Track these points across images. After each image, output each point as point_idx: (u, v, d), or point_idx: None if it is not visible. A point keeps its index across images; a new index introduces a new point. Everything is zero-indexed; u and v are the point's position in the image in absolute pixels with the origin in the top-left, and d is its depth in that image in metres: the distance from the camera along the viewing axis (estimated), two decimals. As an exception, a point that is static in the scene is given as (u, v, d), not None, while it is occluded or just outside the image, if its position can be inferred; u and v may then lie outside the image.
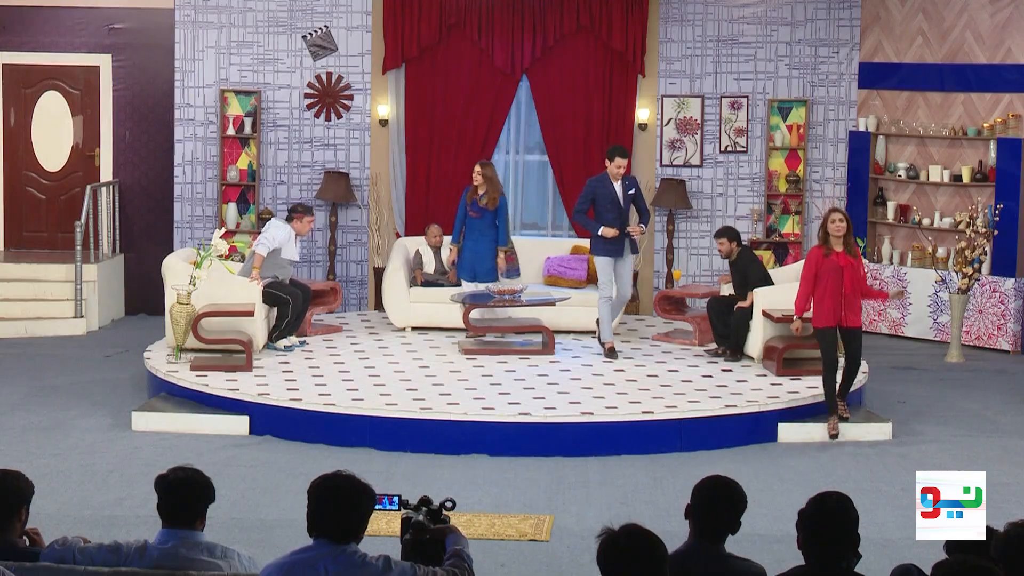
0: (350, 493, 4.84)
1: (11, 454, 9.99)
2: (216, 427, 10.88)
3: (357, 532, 4.86)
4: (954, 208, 14.86)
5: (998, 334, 14.39)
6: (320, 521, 4.83)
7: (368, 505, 4.86)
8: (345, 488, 4.84)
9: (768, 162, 15.54)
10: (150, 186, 15.83)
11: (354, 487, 4.85)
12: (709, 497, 5.03)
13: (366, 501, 4.86)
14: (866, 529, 4.87)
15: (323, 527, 4.83)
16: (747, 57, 15.46)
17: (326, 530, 4.82)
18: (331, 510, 4.81)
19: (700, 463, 10.03)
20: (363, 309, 15.30)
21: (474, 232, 13.33)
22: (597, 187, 12.57)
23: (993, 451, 10.71)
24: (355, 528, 4.85)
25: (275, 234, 12.75)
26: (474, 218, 13.27)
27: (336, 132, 15.38)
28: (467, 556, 4.94)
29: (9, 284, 14.85)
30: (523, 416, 10.60)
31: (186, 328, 11.83)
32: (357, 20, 15.30)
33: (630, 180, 12.72)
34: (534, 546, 8.43)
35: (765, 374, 11.99)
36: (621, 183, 12.50)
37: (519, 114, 15.52)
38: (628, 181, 12.65)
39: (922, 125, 15.11)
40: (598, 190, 12.54)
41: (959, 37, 14.88)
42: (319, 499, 4.84)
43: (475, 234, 13.32)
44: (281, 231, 12.80)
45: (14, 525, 5.26)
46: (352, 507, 4.83)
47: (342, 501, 4.82)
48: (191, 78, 15.33)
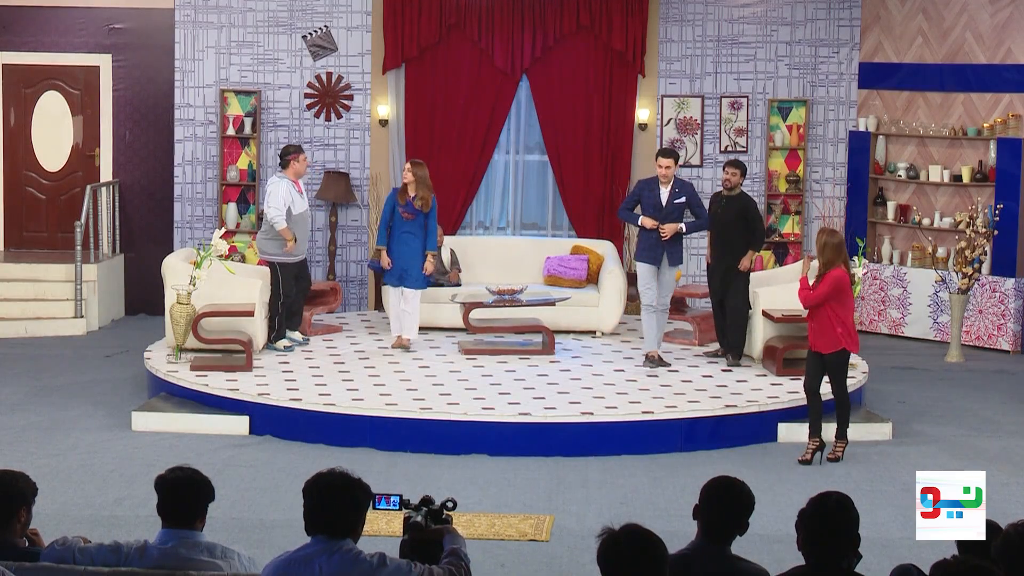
0: (344, 489, 4.84)
1: (11, 454, 9.99)
2: (216, 427, 10.87)
3: (354, 528, 4.86)
4: (954, 208, 14.86)
5: (998, 334, 14.39)
6: (316, 519, 4.84)
7: (363, 499, 4.86)
8: (339, 484, 4.85)
9: (768, 162, 15.54)
10: (150, 186, 15.83)
11: (348, 483, 4.85)
12: (717, 497, 5.02)
13: (361, 496, 4.86)
14: (866, 529, 4.86)
15: (319, 525, 4.83)
16: (747, 57, 15.46)
17: (322, 528, 4.83)
18: (326, 507, 4.82)
19: (700, 463, 10.03)
20: (363, 309, 15.30)
21: (404, 235, 12.48)
22: (643, 189, 12.29)
23: (993, 451, 10.71)
24: (351, 524, 4.85)
25: (279, 193, 12.50)
26: (407, 220, 12.44)
27: (336, 132, 15.38)
28: (464, 555, 4.94)
29: (9, 284, 14.85)
30: (523, 416, 10.60)
31: (186, 328, 11.83)
32: (357, 20, 15.30)
33: (682, 186, 12.23)
34: (534, 546, 8.43)
35: (765, 374, 11.99)
36: (670, 188, 12.10)
37: (519, 114, 15.52)
38: (680, 187, 12.18)
39: (922, 125, 15.11)
40: (643, 192, 12.25)
41: (959, 37, 14.88)
42: (314, 497, 4.85)
43: (406, 236, 12.48)
44: (282, 187, 12.53)
45: (14, 525, 5.25)
46: (347, 503, 4.83)
47: (337, 498, 4.83)
48: (191, 78, 15.33)
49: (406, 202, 12.48)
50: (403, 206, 12.47)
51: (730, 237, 12.20)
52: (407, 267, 12.51)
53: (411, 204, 12.46)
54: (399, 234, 12.51)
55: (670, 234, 12.04)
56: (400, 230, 12.51)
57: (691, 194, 12.23)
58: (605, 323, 13.61)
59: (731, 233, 12.19)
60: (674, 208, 12.09)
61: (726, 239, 12.24)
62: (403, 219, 12.47)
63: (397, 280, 12.57)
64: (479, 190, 15.46)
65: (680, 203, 12.11)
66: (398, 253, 12.51)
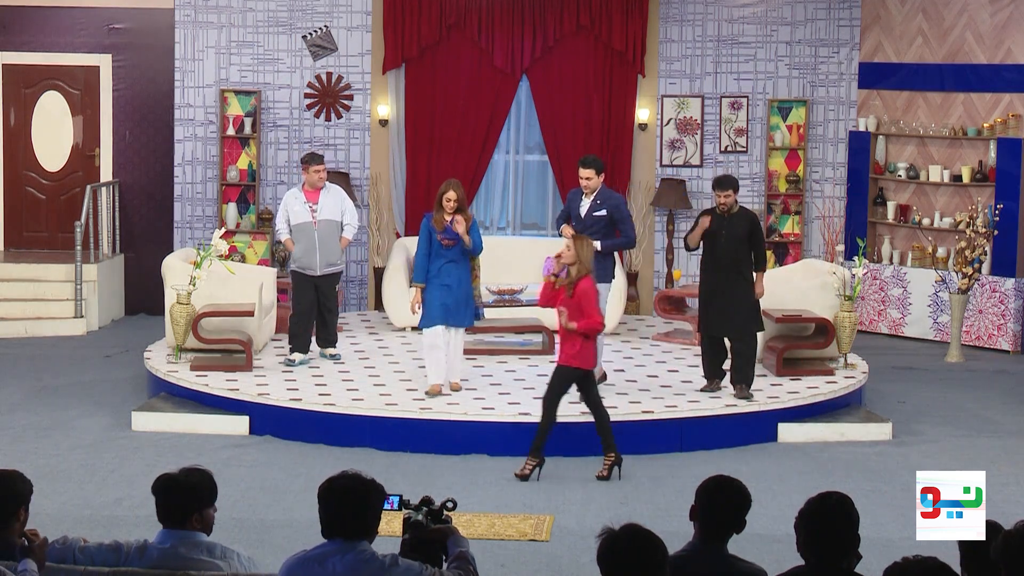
0: (360, 492, 4.88)
1: (11, 454, 9.99)
2: (216, 427, 10.88)
3: (370, 530, 4.90)
4: (954, 208, 14.86)
5: (998, 334, 14.38)
6: (332, 522, 4.87)
7: (378, 501, 4.91)
8: (354, 487, 4.89)
9: (768, 162, 15.53)
10: (150, 186, 15.83)
11: (363, 485, 4.90)
12: (714, 497, 5.03)
13: (375, 497, 4.90)
14: (866, 529, 4.86)
15: (336, 528, 4.86)
16: (747, 57, 15.46)
17: (339, 531, 4.86)
18: (342, 510, 4.86)
19: (700, 463, 10.03)
20: (363, 309, 15.30)
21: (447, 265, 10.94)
22: (571, 200, 11.41)
23: (993, 451, 10.71)
24: (367, 525, 4.90)
25: (282, 204, 12.21)
26: (447, 247, 10.90)
27: (336, 132, 15.38)
28: (471, 558, 4.96)
29: (9, 284, 14.85)
30: (523, 416, 10.60)
31: (186, 328, 11.83)
32: (357, 20, 15.30)
33: (607, 199, 11.20)
34: (534, 546, 8.43)
35: (765, 374, 11.98)
36: (591, 200, 11.18)
37: (519, 114, 15.52)
38: (603, 200, 11.17)
39: (922, 125, 15.11)
40: (571, 203, 11.38)
41: (959, 37, 14.88)
42: (329, 501, 4.88)
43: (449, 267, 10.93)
44: (287, 197, 12.24)
45: (13, 525, 5.25)
46: (363, 505, 4.88)
47: (352, 500, 4.87)
48: (191, 78, 15.33)
49: (444, 228, 10.90)
50: (442, 232, 10.89)
51: (733, 260, 10.95)
52: (452, 301, 10.92)
53: (450, 229, 10.88)
54: (440, 264, 10.92)
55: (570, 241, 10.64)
56: (440, 260, 10.93)
57: (615, 208, 11.15)
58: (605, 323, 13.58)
59: (735, 255, 10.95)
60: (594, 221, 11.08)
61: (731, 262, 10.95)
62: (443, 247, 10.89)
63: (442, 318, 10.95)
64: (479, 190, 15.46)
65: (600, 216, 11.10)
66: (439, 286, 10.92)
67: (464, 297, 10.98)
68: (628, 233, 11.22)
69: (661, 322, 14.27)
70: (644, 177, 15.38)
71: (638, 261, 15.33)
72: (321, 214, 12.00)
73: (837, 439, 10.94)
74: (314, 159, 12.14)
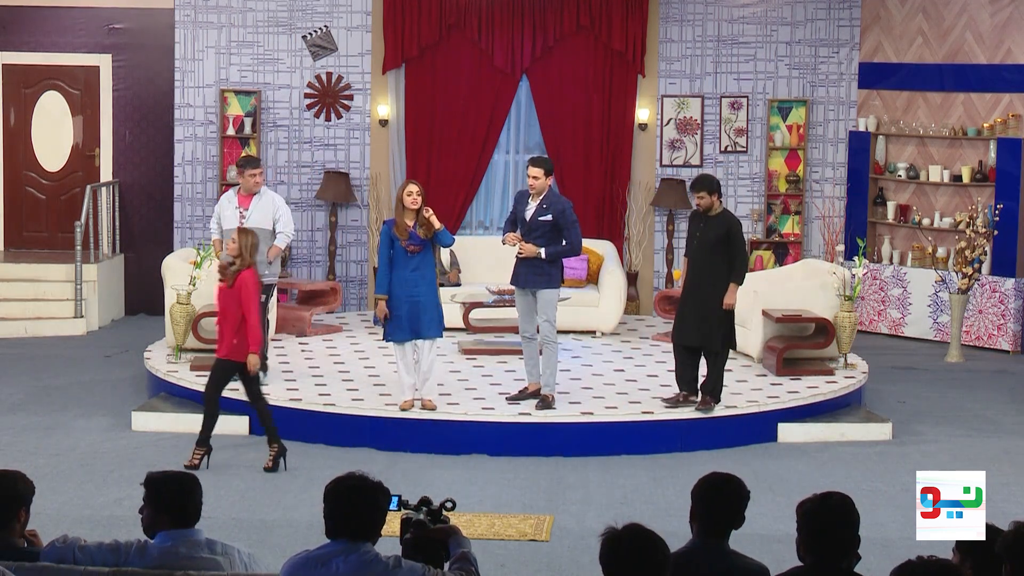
0: (365, 493, 4.89)
1: (11, 454, 9.99)
2: (216, 427, 10.84)
3: (374, 531, 4.91)
4: (954, 208, 14.86)
5: (998, 334, 14.38)
6: (337, 523, 4.87)
7: (385, 503, 4.91)
8: (360, 488, 4.89)
9: (768, 162, 15.53)
10: (150, 186, 15.83)
11: (369, 487, 4.90)
12: (709, 494, 5.03)
13: (381, 498, 4.91)
14: (866, 529, 4.86)
15: (341, 529, 4.86)
16: (747, 57, 15.46)
17: (344, 531, 4.86)
18: (348, 512, 4.86)
19: (700, 463, 10.02)
20: (363, 309, 15.30)
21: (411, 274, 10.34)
22: (518, 202, 10.86)
23: (993, 451, 10.71)
24: (373, 527, 4.90)
25: (218, 206, 11.57)
26: (413, 254, 10.29)
27: (336, 132, 15.38)
28: (473, 559, 4.96)
29: (9, 284, 14.85)
30: (523, 416, 10.60)
31: (186, 328, 11.83)
32: (357, 20, 15.30)
33: (553, 203, 10.60)
34: (534, 546, 8.43)
35: (765, 374, 11.99)
36: (538, 203, 10.62)
37: (519, 114, 15.52)
38: (549, 203, 10.59)
39: (922, 125, 15.11)
40: (517, 205, 10.82)
41: (959, 37, 14.88)
42: (335, 502, 4.88)
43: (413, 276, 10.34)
44: (223, 199, 11.60)
45: (13, 525, 5.25)
46: (370, 506, 4.88)
47: (358, 502, 4.87)
48: (191, 78, 15.33)
49: (409, 233, 10.28)
50: (407, 239, 10.27)
51: (705, 265, 10.49)
52: (418, 313, 10.33)
53: (415, 234, 10.29)
54: (405, 274, 10.31)
55: (526, 255, 10.55)
56: (405, 269, 10.33)
57: (560, 213, 10.52)
58: (605, 323, 13.61)
59: (707, 260, 10.49)
60: (539, 225, 10.54)
61: (702, 266, 10.52)
62: (407, 254, 10.28)
63: (409, 332, 10.40)
64: (479, 190, 15.45)
65: (546, 220, 10.53)
66: (404, 298, 10.31)
67: (431, 306, 10.35)
68: (573, 240, 10.57)
69: (661, 322, 14.26)
70: (644, 177, 15.37)
71: (638, 261, 15.33)
72: (249, 220, 11.15)
73: (837, 439, 10.94)
74: (250, 163, 11.52)
